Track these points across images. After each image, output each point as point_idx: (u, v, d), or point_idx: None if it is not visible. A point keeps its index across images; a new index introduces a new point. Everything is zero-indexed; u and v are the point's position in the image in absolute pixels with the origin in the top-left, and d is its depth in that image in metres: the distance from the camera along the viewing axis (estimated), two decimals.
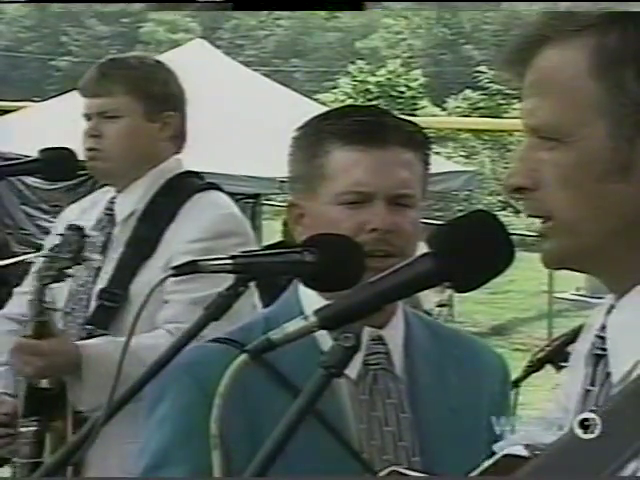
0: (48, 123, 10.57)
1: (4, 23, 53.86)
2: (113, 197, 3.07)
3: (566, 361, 4.16)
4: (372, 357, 1.93)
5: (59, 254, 2.72)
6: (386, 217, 1.89)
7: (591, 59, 1.29)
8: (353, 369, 1.90)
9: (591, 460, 1.17)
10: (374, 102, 26.21)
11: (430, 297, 10.36)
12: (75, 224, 2.80)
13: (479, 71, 35.27)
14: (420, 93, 34.32)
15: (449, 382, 1.97)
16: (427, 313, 4.32)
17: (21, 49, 52.35)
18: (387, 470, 1.57)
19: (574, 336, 3.97)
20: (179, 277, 1.73)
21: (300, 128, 1.99)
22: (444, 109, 34.61)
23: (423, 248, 1.41)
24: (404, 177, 1.92)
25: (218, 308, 1.74)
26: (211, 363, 1.35)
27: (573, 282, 14.94)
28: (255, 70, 16.11)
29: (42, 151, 2.92)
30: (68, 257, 2.72)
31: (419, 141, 1.96)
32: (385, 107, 2.25)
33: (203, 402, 1.35)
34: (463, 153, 26.50)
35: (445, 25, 52.10)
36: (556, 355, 4.00)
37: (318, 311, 1.37)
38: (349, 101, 28.75)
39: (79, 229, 2.77)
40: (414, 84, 34.13)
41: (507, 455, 1.32)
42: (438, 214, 16.91)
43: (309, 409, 1.32)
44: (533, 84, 1.34)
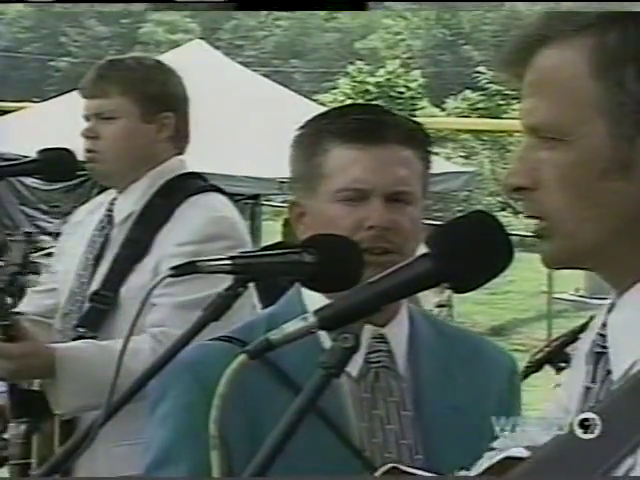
0: (47, 124, 10.57)
1: (3, 23, 53.86)
2: (114, 198, 3.07)
3: (565, 362, 4.18)
4: (374, 355, 1.92)
5: (10, 260, 2.72)
6: (384, 214, 1.89)
7: (591, 58, 1.29)
8: (355, 367, 1.90)
9: (589, 458, 1.17)
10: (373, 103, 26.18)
11: (429, 298, 10.35)
12: (27, 230, 2.80)
13: (478, 72, 35.25)
14: (419, 94, 34.32)
15: (454, 380, 1.96)
16: None
17: (20, 49, 52.32)
18: (385, 468, 1.57)
19: (573, 337, 3.98)
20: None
21: (301, 128, 1.99)
22: (443, 110, 34.61)
23: (423, 248, 1.41)
24: (402, 174, 1.92)
25: (217, 309, 1.74)
26: (213, 361, 1.36)
27: (572, 283, 14.95)
28: (254, 71, 16.12)
29: (41, 152, 2.91)
30: (18, 262, 2.71)
31: (419, 139, 1.96)
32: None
33: (204, 400, 1.36)
34: (462, 154, 26.49)
35: (444, 26, 52.09)
36: (555, 356, 4.00)
37: (317, 311, 1.36)
38: (348, 102, 28.73)
39: (28, 234, 2.76)
40: (413, 85, 34.14)
41: (508, 457, 1.32)
42: (437, 215, 16.90)
43: (308, 409, 1.32)
44: (532, 84, 1.34)
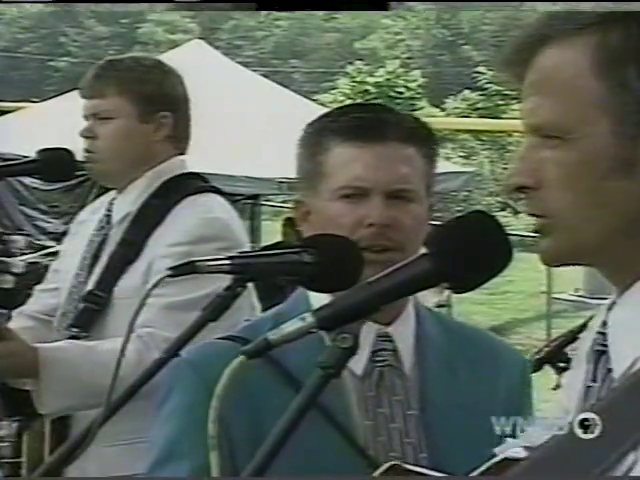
0: (47, 124, 10.57)
1: (3, 23, 53.87)
2: (113, 198, 3.07)
3: (564, 362, 4.19)
4: (378, 354, 1.92)
5: None
6: (384, 212, 1.89)
7: (593, 57, 1.29)
8: (359, 366, 1.90)
9: (589, 458, 1.17)
10: None
11: (429, 297, 10.33)
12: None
13: (478, 72, 35.26)
14: (419, 94, 34.33)
15: (461, 379, 1.95)
16: None
17: (20, 49, 52.34)
18: (386, 466, 1.57)
19: (572, 337, 3.98)
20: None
21: (305, 127, 2.00)
22: (443, 110, 34.61)
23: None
24: (403, 172, 1.92)
25: (216, 309, 1.74)
26: (217, 360, 1.36)
27: (572, 283, 14.95)
28: (254, 71, 16.11)
29: (40, 152, 2.91)
30: None
31: (421, 137, 1.96)
32: None
33: (208, 399, 1.35)
34: (462, 154, 26.52)
35: (444, 26, 52.10)
36: (555, 356, 4.01)
37: (316, 311, 1.36)
38: (348, 102, 28.73)
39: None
40: (413, 85, 34.16)
41: (506, 458, 1.32)
42: (437, 215, 16.88)
43: (306, 409, 1.32)
44: (534, 83, 1.34)
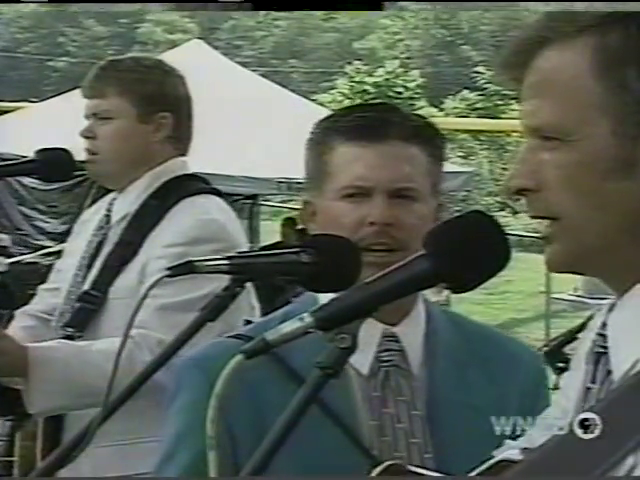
0: (45, 124, 10.56)
1: (2, 23, 53.86)
2: (113, 198, 3.07)
3: (563, 362, 4.18)
4: (384, 354, 1.92)
5: None
6: (385, 211, 1.89)
7: (593, 59, 1.29)
8: (365, 365, 1.90)
9: (589, 458, 1.17)
10: None
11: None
12: None
13: (477, 72, 35.29)
14: (418, 94, 34.37)
15: (472, 380, 1.95)
16: None
17: (19, 49, 52.33)
18: (383, 466, 1.57)
19: (571, 337, 3.98)
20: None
21: (312, 127, 2.00)
22: (442, 110, 34.63)
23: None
24: (406, 171, 1.92)
25: (214, 309, 1.74)
26: (223, 359, 1.36)
27: (570, 283, 14.96)
28: (253, 71, 16.11)
29: (39, 152, 2.91)
30: None
31: (425, 136, 1.96)
32: None
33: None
34: (461, 154, 26.54)
35: (443, 26, 52.09)
36: (554, 356, 4.00)
37: (314, 312, 1.36)
38: (347, 102, 28.74)
39: None
40: (412, 85, 34.20)
41: (503, 460, 1.32)
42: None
43: (305, 409, 1.32)
44: (533, 85, 1.34)
